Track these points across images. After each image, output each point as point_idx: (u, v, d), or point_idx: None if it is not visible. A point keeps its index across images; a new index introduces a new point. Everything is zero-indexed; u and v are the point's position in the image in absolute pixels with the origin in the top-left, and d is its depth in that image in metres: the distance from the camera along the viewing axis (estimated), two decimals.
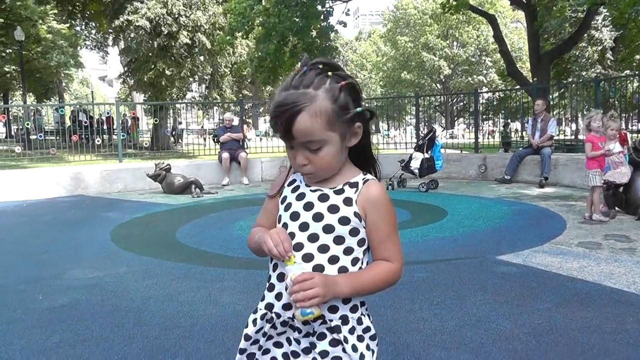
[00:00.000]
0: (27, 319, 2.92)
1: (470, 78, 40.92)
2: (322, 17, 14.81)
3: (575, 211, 5.91)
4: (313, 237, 1.13)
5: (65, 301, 3.21)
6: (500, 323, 2.71)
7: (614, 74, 22.93)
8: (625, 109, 11.35)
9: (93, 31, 28.05)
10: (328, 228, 1.13)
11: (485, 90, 31.91)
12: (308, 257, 1.13)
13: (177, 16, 17.35)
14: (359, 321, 1.16)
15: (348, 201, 1.15)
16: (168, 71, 17.91)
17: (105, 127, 16.33)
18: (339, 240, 1.14)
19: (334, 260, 1.13)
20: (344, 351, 1.12)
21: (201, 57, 20.41)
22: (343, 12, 15.97)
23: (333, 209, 1.14)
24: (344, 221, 1.13)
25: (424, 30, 40.73)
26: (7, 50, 22.85)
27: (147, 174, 8.48)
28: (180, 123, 23.05)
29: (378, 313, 2.75)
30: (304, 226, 1.14)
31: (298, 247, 1.14)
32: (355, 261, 1.15)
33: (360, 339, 1.14)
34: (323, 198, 1.15)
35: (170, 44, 17.72)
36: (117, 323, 2.82)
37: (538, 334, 2.56)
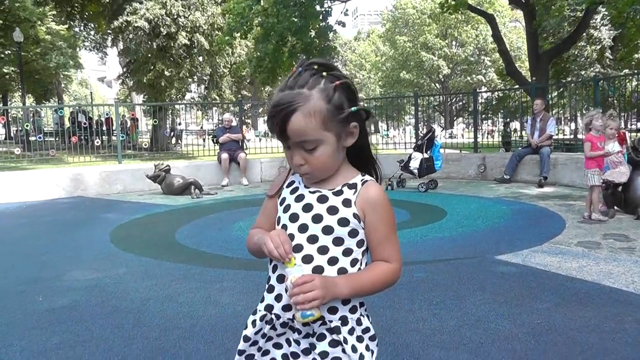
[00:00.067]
0: (27, 320, 2.93)
1: (469, 77, 40.96)
2: (321, 17, 14.82)
3: (574, 211, 5.91)
4: (312, 239, 1.14)
5: (65, 302, 3.21)
6: (499, 323, 2.71)
7: (613, 73, 22.97)
8: (624, 108, 11.37)
9: (92, 32, 28.04)
10: (327, 229, 1.14)
11: (484, 89, 31.91)
12: (307, 259, 1.13)
13: (176, 17, 17.34)
14: (358, 322, 1.16)
15: (347, 202, 1.15)
16: (167, 72, 17.91)
17: (104, 128, 16.32)
18: (338, 241, 1.14)
19: (334, 261, 1.14)
20: (344, 352, 1.12)
21: (200, 58, 20.41)
22: (342, 12, 16.00)
23: (332, 210, 1.14)
24: (343, 222, 1.14)
25: (423, 29, 40.76)
26: (6, 51, 22.87)
27: (147, 175, 8.48)
28: (179, 124, 23.03)
29: (377, 313, 2.75)
30: (304, 227, 1.15)
31: (297, 249, 1.14)
32: (354, 262, 1.16)
33: (359, 340, 1.14)
34: (322, 199, 1.16)
35: (169, 45, 17.72)
36: (117, 324, 2.82)
37: (537, 334, 2.57)
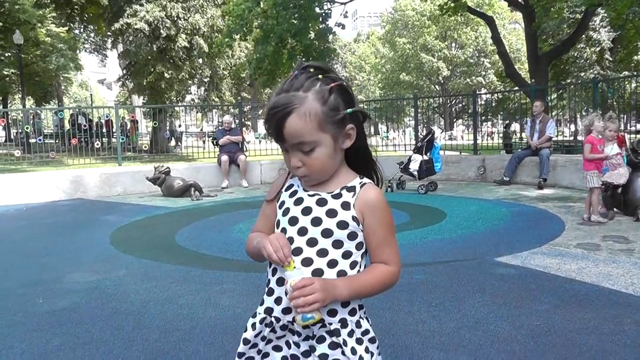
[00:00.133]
0: (28, 323, 2.93)
1: (469, 79, 41.00)
2: (320, 19, 14.84)
3: (573, 212, 5.92)
4: (312, 242, 1.14)
5: (65, 304, 3.22)
6: (498, 325, 2.72)
7: (613, 75, 22.99)
8: (623, 110, 11.38)
9: (92, 34, 28.08)
10: (326, 232, 1.14)
11: (484, 91, 31.94)
12: (307, 262, 1.14)
13: (176, 19, 17.37)
14: (358, 324, 1.16)
15: (346, 205, 1.16)
16: (167, 74, 17.94)
17: (104, 131, 16.33)
18: (338, 244, 1.15)
19: (333, 264, 1.14)
20: (343, 354, 1.12)
21: (200, 60, 20.44)
22: (341, 14, 16.00)
23: (331, 213, 1.15)
24: (342, 225, 1.14)
25: (423, 31, 40.79)
26: (6, 53, 22.89)
27: (147, 177, 8.49)
28: (179, 126, 23.07)
29: (377, 315, 2.76)
30: (303, 230, 1.15)
31: (297, 252, 1.14)
32: (353, 265, 1.16)
33: (359, 342, 1.15)
34: (321, 202, 1.16)
35: (169, 47, 17.75)
36: (117, 326, 2.83)
37: (536, 336, 2.58)
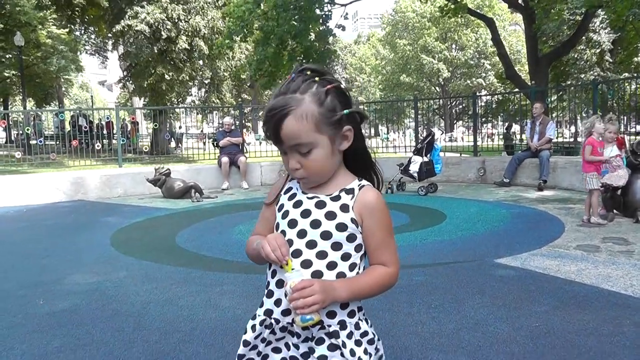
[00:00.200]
0: (28, 324, 2.94)
1: (469, 81, 41.04)
2: (321, 21, 14.86)
3: (573, 214, 5.93)
4: (311, 244, 1.15)
5: (65, 306, 3.23)
6: (497, 326, 2.73)
7: (613, 77, 23.00)
8: (623, 111, 11.38)
9: (92, 36, 28.13)
10: (326, 234, 1.15)
11: (484, 93, 31.97)
12: (306, 264, 1.14)
13: (177, 21, 17.39)
14: (357, 326, 1.17)
15: (345, 207, 1.16)
16: (167, 76, 17.95)
17: (105, 132, 16.35)
18: (337, 246, 1.15)
19: (332, 266, 1.15)
20: (342, 356, 1.13)
21: (200, 62, 20.46)
22: (341, 16, 16.05)
23: (330, 216, 1.16)
24: (341, 227, 1.15)
25: (423, 33, 40.83)
26: (7, 55, 22.93)
27: (147, 179, 8.50)
28: (180, 127, 23.06)
29: (377, 316, 2.77)
30: (302, 233, 1.16)
31: (296, 254, 1.15)
32: (352, 267, 1.17)
33: (358, 344, 1.15)
34: (320, 205, 1.17)
35: (169, 49, 17.77)
36: (118, 327, 2.84)
37: (535, 337, 2.58)
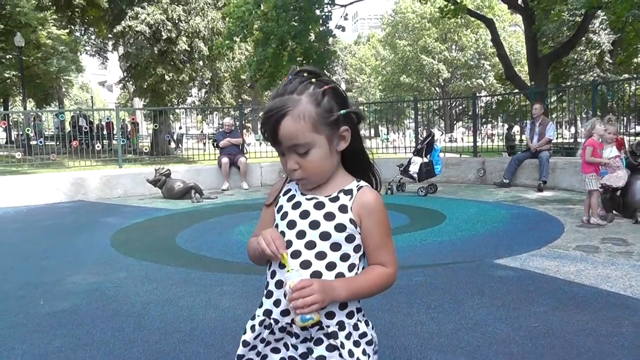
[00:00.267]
0: (29, 324, 2.95)
1: (469, 82, 41.04)
2: (321, 22, 14.88)
3: (573, 215, 5.93)
4: (310, 245, 1.16)
5: (66, 306, 3.23)
6: (496, 326, 2.73)
7: (612, 77, 23.01)
8: (623, 112, 11.39)
9: (92, 36, 28.15)
10: (324, 235, 1.16)
11: (484, 94, 31.98)
12: (306, 264, 1.15)
13: (177, 22, 17.41)
14: (355, 327, 1.18)
15: (343, 208, 1.17)
16: (168, 76, 17.96)
17: (105, 133, 16.37)
18: (336, 247, 1.16)
19: (331, 266, 1.16)
20: (341, 356, 1.14)
21: (200, 62, 20.47)
22: (341, 17, 16.09)
23: (329, 217, 1.17)
24: (340, 228, 1.16)
25: (423, 34, 40.84)
26: (7, 56, 22.93)
27: (147, 179, 8.51)
28: (180, 128, 23.09)
29: (376, 317, 2.77)
30: (301, 234, 1.17)
31: (295, 254, 1.16)
32: (351, 267, 1.18)
33: (356, 344, 1.16)
34: (318, 206, 1.18)
35: (170, 50, 17.78)
36: (118, 327, 2.84)
37: (534, 337, 2.59)
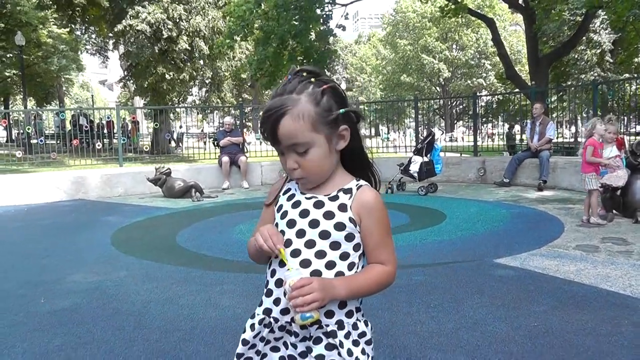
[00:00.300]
0: (29, 323, 2.95)
1: (469, 81, 41.02)
2: (321, 21, 14.87)
3: (573, 214, 5.93)
4: (310, 244, 1.16)
5: (66, 305, 3.24)
6: (496, 326, 2.74)
7: (613, 77, 23.00)
8: (623, 112, 11.39)
9: (93, 35, 28.14)
10: (324, 234, 1.16)
11: (484, 93, 31.97)
12: (305, 263, 1.15)
13: (178, 21, 17.41)
14: (355, 326, 1.18)
15: (343, 207, 1.17)
16: (168, 75, 17.97)
17: (105, 131, 16.36)
18: (335, 245, 1.16)
19: (331, 265, 1.16)
20: (340, 355, 1.14)
21: (201, 62, 20.48)
22: (342, 16, 16.08)
23: (328, 216, 1.17)
24: (340, 227, 1.16)
25: (423, 33, 40.82)
26: (8, 54, 22.92)
27: (148, 178, 8.51)
28: (181, 127, 23.10)
29: (376, 316, 2.78)
30: (301, 233, 1.17)
31: (295, 253, 1.16)
32: (351, 266, 1.18)
33: (355, 344, 1.16)
34: (318, 205, 1.18)
35: (170, 49, 17.78)
36: (118, 326, 2.85)
37: (534, 337, 2.59)
